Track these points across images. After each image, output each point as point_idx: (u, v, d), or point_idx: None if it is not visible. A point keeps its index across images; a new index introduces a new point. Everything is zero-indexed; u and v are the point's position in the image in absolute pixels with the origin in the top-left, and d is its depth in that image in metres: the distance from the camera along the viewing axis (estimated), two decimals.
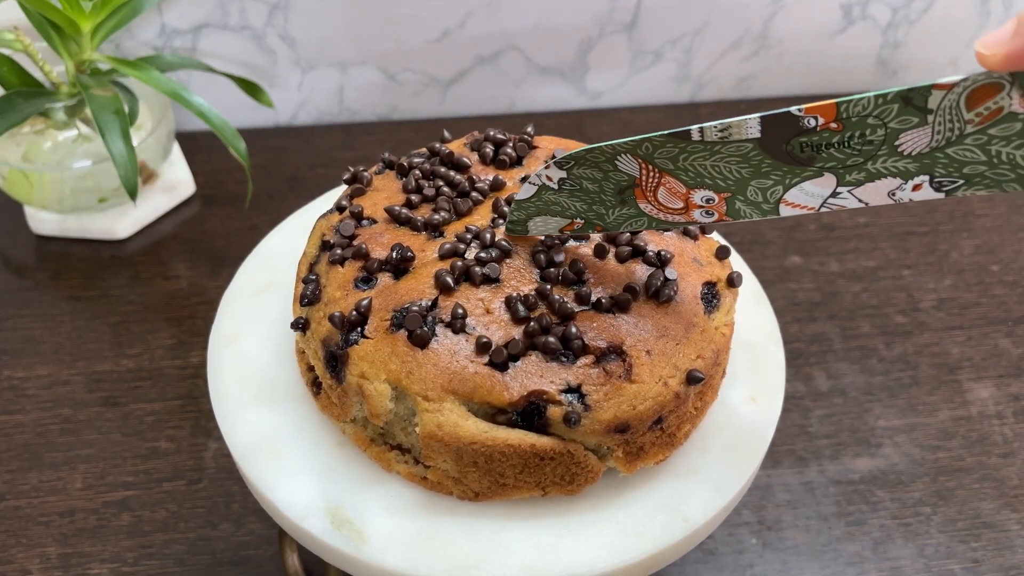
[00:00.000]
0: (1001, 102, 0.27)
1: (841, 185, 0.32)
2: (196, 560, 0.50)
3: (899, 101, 0.28)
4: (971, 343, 0.62)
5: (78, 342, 0.61)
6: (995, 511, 0.53)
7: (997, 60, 0.26)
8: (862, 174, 0.31)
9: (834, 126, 0.30)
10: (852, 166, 0.31)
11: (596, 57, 0.78)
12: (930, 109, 0.28)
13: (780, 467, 0.54)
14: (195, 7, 0.71)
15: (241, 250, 0.62)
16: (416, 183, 0.42)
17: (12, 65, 0.59)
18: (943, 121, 0.28)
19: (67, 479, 0.53)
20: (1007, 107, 0.27)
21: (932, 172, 0.30)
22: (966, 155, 0.29)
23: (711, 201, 0.34)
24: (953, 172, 0.30)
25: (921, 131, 0.29)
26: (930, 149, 0.29)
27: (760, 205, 0.34)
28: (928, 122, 0.29)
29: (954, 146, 0.29)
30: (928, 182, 0.30)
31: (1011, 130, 0.28)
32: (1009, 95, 0.27)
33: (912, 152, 0.30)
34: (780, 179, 0.32)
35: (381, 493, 0.37)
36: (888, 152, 0.30)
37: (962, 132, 0.28)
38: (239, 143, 0.62)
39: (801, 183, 0.32)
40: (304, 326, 0.39)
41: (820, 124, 0.30)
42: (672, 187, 0.35)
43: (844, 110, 0.29)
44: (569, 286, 0.37)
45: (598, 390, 0.35)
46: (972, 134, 0.28)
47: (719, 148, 0.32)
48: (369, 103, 0.79)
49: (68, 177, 0.63)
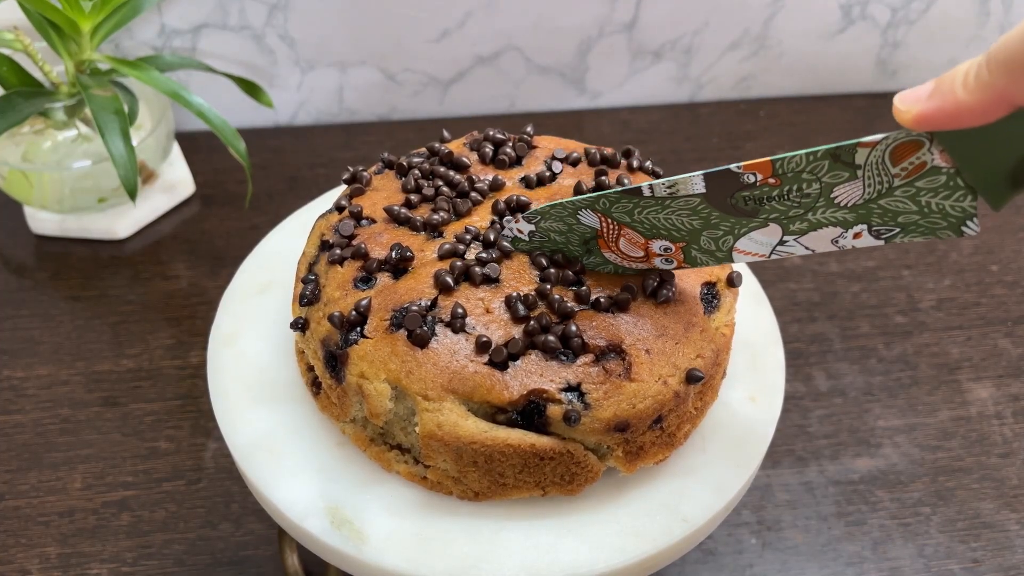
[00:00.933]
0: (923, 157, 0.29)
1: (787, 234, 0.33)
2: (196, 560, 0.50)
3: (828, 158, 0.30)
4: (971, 343, 0.62)
5: (78, 342, 0.61)
6: (995, 511, 0.53)
7: (909, 118, 0.28)
8: (804, 224, 0.33)
9: (772, 181, 0.32)
10: (794, 217, 0.33)
11: (596, 57, 0.78)
12: (858, 165, 0.30)
13: (780, 467, 0.54)
14: (195, 7, 0.71)
15: (241, 250, 0.62)
16: (415, 183, 0.42)
17: (12, 65, 0.59)
18: (872, 175, 0.30)
19: (66, 479, 0.53)
20: (929, 162, 0.29)
21: (869, 221, 0.32)
22: (899, 205, 0.31)
23: (668, 250, 0.36)
24: (889, 221, 0.31)
25: (853, 185, 0.31)
26: (864, 201, 0.31)
27: (714, 253, 0.36)
28: (858, 176, 0.30)
29: (886, 197, 0.31)
30: (867, 230, 0.32)
31: (936, 182, 0.29)
32: (930, 151, 0.29)
33: (848, 204, 0.31)
34: (730, 229, 0.34)
35: (381, 493, 0.37)
36: (826, 204, 0.32)
37: (891, 185, 0.30)
38: (239, 143, 0.62)
39: (750, 233, 0.34)
40: (303, 326, 0.39)
41: (759, 180, 0.32)
42: (631, 237, 0.37)
43: (779, 166, 0.31)
44: (568, 286, 0.37)
45: (598, 388, 0.35)
46: (901, 187, 0.30)
47: (669, 203, 0.35)
48: (369, 103, 0.79)
49: (68, 177, 0.63)
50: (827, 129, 0.80)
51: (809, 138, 0.79)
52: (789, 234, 0.34)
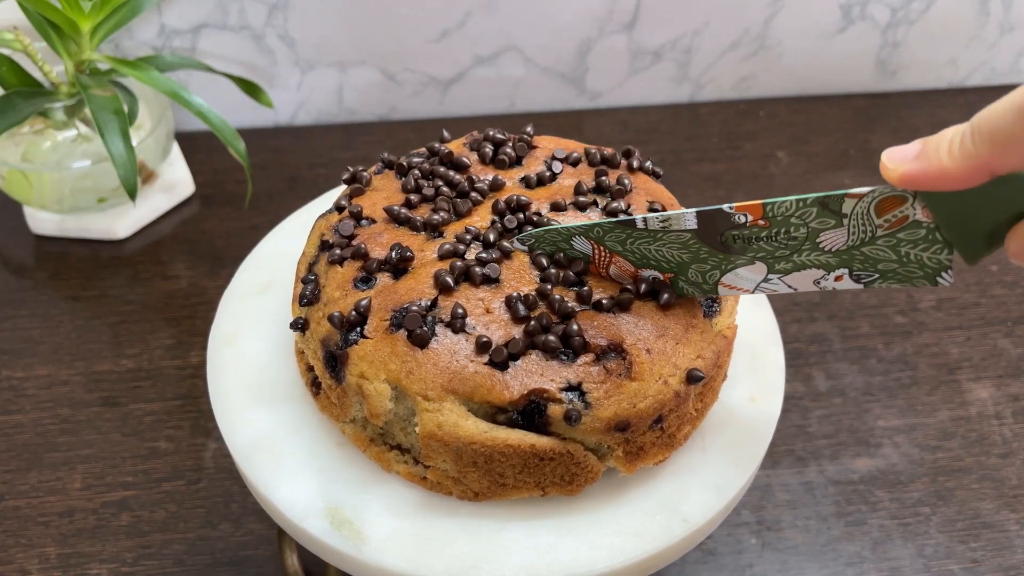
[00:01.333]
0: (906, 211, 0.31)
1: (772, 273, 0.35)
2: (195, 560, 0.50)
3: (817, 205, 0.32)
4: (970, 343, 0.62)
5: (77, 342, 0.61)
6: (994, 511, 0.53)
7: (895, 176, 0.29)
8: (789, 264, 0.35)
9: (762, 223, 0.33)
10: (780, 257, 0.34)
11: (595, 57, 0.78)
12: (844, 213, 0.32)
13: (779, 467, 0.54)
14: (194, 7, 0.71)
15: (240, 250, 0.62)
16: (415, 183, 0.42)
17: (11, 65, 0.59)
18: (857, 224, 0.32)
19: (66, 479, 0.53)
20: (912, 216, 0.31)
21: (851, 266, 0.34)
22: (879, 254, 0.33)
23: (657, 279, 0.38)
24: (869, 267, 0.33)
25: (838, 232, 0.32)
26: (847, 247, 0.33)
27: (701, 285, 0.37)
28: (844, 224, 0.32)
29: (868, 246, 0.32)
30: (848, 274, 0.34)
31: (917, 235, 0.31)
32: (912, 206, 0.30)
33: (832, 248, 0.33)
34: (717, 264, 0.36)
35: (381, 493, 0.37)
36: (811, 247, 0.33)
37: (874, 234, 0.32)
38: (238, 143, 0.62)
39: (736, 269, 0.36)
40: (303, 326, 0.39)
41: (750, 221, 0.34)
42: (622, 265, 0.38)
43: (770, 210, 0.33)
44: (570, 286, 0.37)
45: (598, 388, 0.35)
46: (883, 236, 0.32)
47: (661, 236, 0.36)
48: (368, 103, 0.79)
49: (67, 177, 0.63)
50: (827, 129, 0.80)
51: (809, 138, 0.79)
52: (774, 272, 0.35)
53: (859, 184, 0.75)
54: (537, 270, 0.38)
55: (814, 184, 0.75)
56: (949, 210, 0.30)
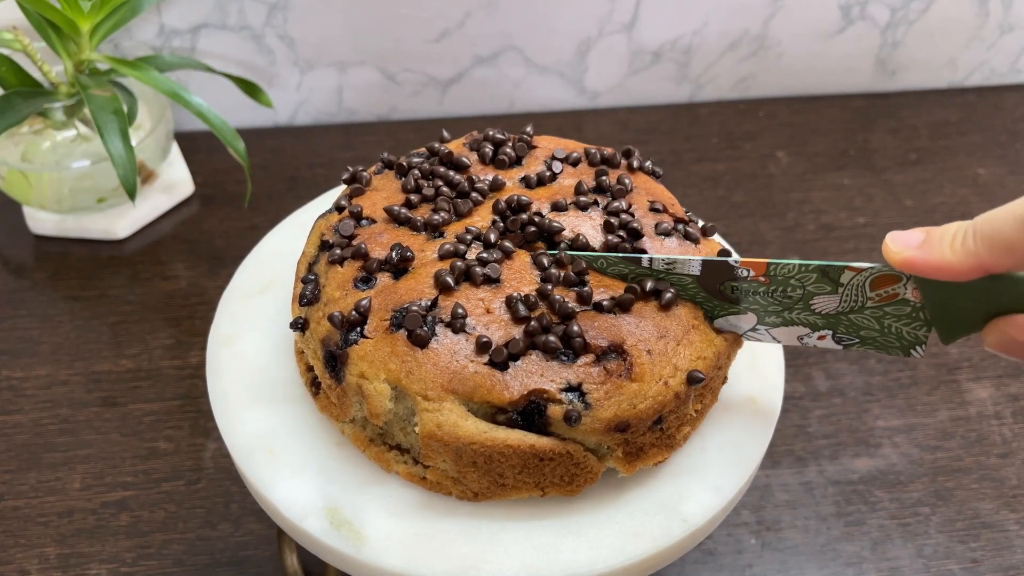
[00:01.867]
0: (898, 289, 0.34)
1: (760, 324, 0.38)
2: (195, 560, 0.50)
3: (818, 272, 0.35)
4: (970, 343, 0.62)
5: (77, 342, 0.61)
6: (994, 511, 0.53)
7: (898, 260, 0.32)
8: (779, 319, 0.37)
9: (763, 279, 0.36)
10: (772, 312, 0.37)
11: (595, 57, 0.78)
12: (841, 283, 0.34)
13: (779, 467, 0.54)
14: (194, 7, 0.71)
15: (240, 250, 0.62)
16: (415, 183, 0.42)
17: (11, 65, 0.59)
18: (850, 294, 0.35)
19: (66, 479, 0.53)
20: (902, 294, 0.34)
21: (835, 329, 0.36)
22: (864, 322, 0.35)
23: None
24: (852, 333, 0.36)
25: (832, 297, 0.35)
26: (837, 312, 0.36)
27: None
28: (838, 292, 0.35)
29: (856, 314, 0.35)
30: (831, 335, 0.37)
31: (902, 312, 0.34)
32: (904, 286, 0.33)
33: (822, 311, 0.36)
34: (711, 309, 0.38)
35: (380, 493, 0.37)
36: (803, 308, 0.36)
37: (864, 305, 0.35)
38: (238, 143, 0.62)
39: (727, 316, 0.38)
40: (303, 326, 0.39)
41: (751, 276, 0.36)
42: None
43: (773, 269, 0.35)
44: (570, 287, 0.37)
45: (598, 389, 0.35)
46: (871, 308, 0.35)
47: (663, 276, 0.38)
48: (368, 103, 0.79)
49: (67, 177, 0.63)
50: (826, 129, 0.80)
51: (808, 138, 0.79)
52: (762, 324, 0.38)
53: (858, 184, 0.75)
54: (538, 270, 0.38)
55: (814, 184, 0.75)
56: (938, 296, 0.33)
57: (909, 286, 0.33)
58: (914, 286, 0.33)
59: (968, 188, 0.75)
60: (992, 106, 0.83)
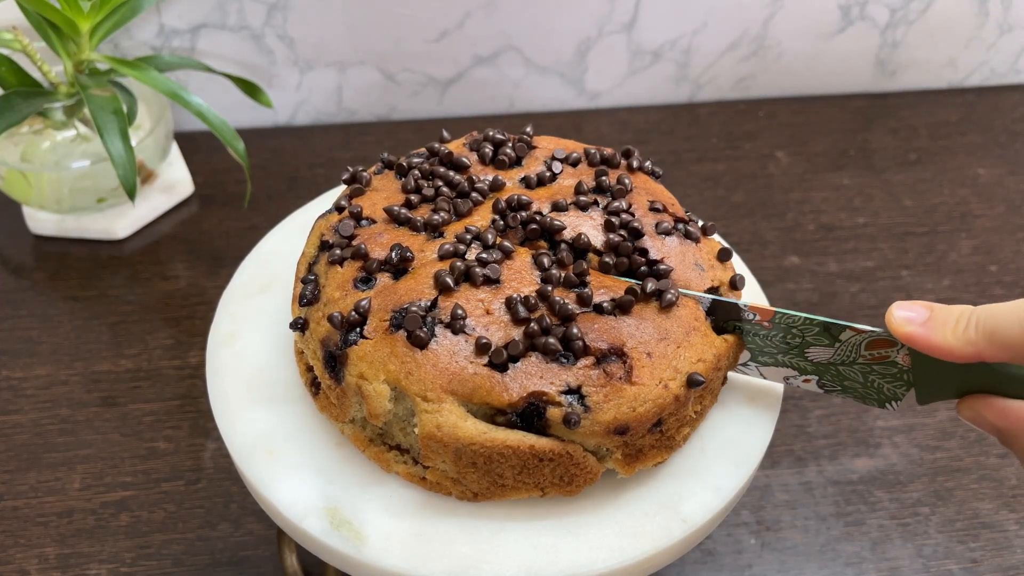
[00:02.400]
0: (891, 353, 0.36)
1: (752, 361, 0.40)
2: (194, 560, 0.50)
3: (821, 327, 0.36)
4: None
5: (76, 342, 0.61)
6: (993, 511, 0.53)
7: (901, 332, 0.33)
8: (771, 360, 0.39)
9: (767, 324, 0.38)
10: (766, 352, 0.39)
11: (595, 57, 0.78)
12: (840, 340, 0.36)
13: (779, 467, 0.54)
14: (193, 7, 0.71)
15: (240, 250, 0.62)
16: (415, 183, 0.42)
17: (11, 65, 0.59)
18: (845, 350, 0.37)
19: (65, 479, 0.53)
20: (893, 356, 0.36)
21: (822, 376, 0.38)
22: (850, 374, 0.38)
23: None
24: (836, 381, 0.38)
25: (827, 350, 0.37)
26: (828, 362, 0.38)
27: None
28: (834, 347, 0.37)
29: (845, 366, 0.37)
30: (816, 381, 0.39)
31: (888, 371, 0.36)
32: (897, 351, 0.35)
33: (814, 360, 0.38)
34: None
35: (380, 493, 0.37)
36: (797, 354, 0.38)
37: (855, 360, 0.37)
38: (238, 143, 0.62)
39: None
40: (303, 326, 0.39)
41: (756, 319, 0.38)
42: None
43: (778, 318, 0.37)
44: (570, 288, 0.37)
45: (598, 391, 0.35)
46: (861, 364, 0.37)
47: None
48: (368, 103, 0.79)
49: (66, 177, 0.63)
50: (826, 129, 0.80)
51: (808, 138, 0.79)
52: (753, 361, 0.39)
53: (858, 184, 0.75)
54: (538, 270, 0.38)
55: (813, 184, 0.75)
56: (927, 367, 0.35)
57: (901, 352, 0.35)
58: (906, 353, 0.35)
59: (968, 188, 0.75)
60: (992, 106, 0.84)
